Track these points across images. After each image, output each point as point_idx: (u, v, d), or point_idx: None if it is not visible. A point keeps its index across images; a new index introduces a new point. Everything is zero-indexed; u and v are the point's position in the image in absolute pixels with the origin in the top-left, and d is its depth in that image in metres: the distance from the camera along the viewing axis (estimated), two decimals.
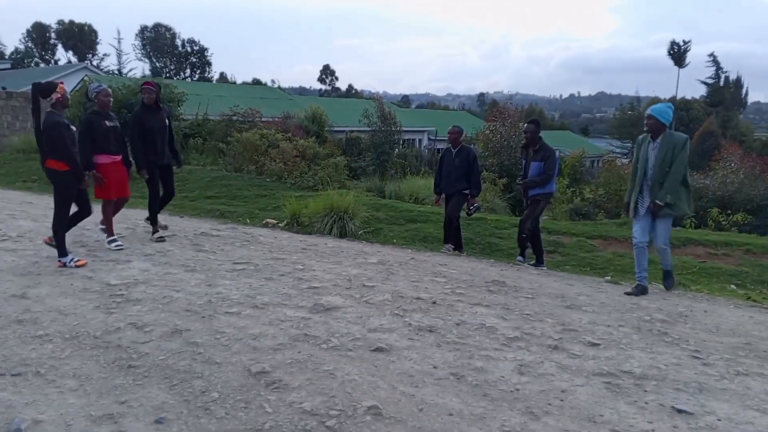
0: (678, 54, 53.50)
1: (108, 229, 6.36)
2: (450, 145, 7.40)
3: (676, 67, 53.92)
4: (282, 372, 3.41)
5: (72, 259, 5.47)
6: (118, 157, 6.28)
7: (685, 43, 53.49)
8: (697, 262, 6.38)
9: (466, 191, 7.17)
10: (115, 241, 6.30)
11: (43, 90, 5.44)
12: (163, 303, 4.54)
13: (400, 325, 4.22)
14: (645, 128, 5.39)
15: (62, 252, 5.47)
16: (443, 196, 7.44)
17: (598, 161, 25.22)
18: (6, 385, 3.16)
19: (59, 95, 5.37)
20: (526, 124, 7.10)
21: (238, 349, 3.71)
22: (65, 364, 3.43)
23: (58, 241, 5.49)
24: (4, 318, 4.11)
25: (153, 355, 3.58)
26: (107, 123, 6.12)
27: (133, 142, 6.56)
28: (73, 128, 5.52)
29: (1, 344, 3.68)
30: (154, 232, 6.88)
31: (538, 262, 6.64)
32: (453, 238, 7.13)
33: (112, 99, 6.29)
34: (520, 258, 6.72)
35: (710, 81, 58.54)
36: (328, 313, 4.46)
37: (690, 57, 53.61)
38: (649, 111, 5.37)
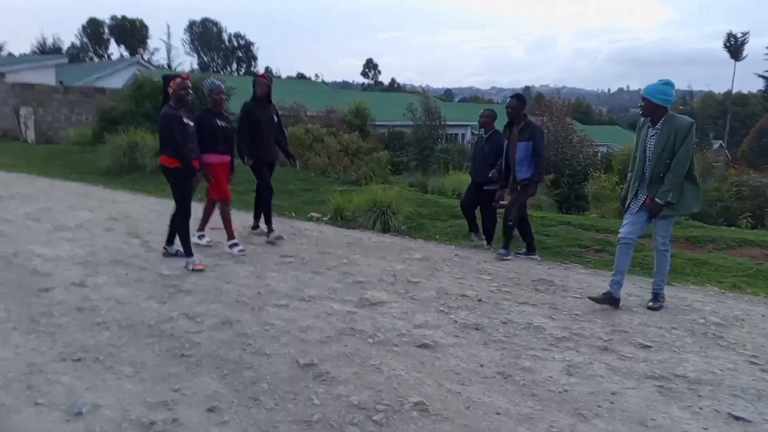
0: (735, 46, 51.44)
1: (228, 232, 6.02)
2: (482, 130, 6.89)
3: (731, 60, 51.87)
4: (329, 365, 3.46)
5: (193, 261, 5.32)
6: (226, 158, 6.04)
7: (742, 34, 51.35)
8: (753, 264, 6.14)
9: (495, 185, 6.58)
10: (236, 245, 5.97)
11: (166, 82, 5.34)
12: (214, 294, 4.65)
13: (445, 322, 4.22)
14: (639, 111, 4.65)
15: (188, 251, 5.35)
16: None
17: None
18: (68, 370, 3.31)
19: (172, 89, 5.21)
20: (508, 99, 6.46)
21: (286, 341, 3.78)
22: (122, 352, 3.57)
23: (183, 242, 5.38)
24: (65, 305, 4.30)
25: (205, 345, 3.68)
26: (218, 122, 5.91)
27: (241, 135, 6.28)
28: (190, 124, 5.34)
29: (63, 330, 3.85)
30: (269, 232, 6.56)
31: (530, 250, 6.41)
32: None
33: (225, 97, 6.07)
34: (502, 251, 6.26)
35: None
36: (374, 307, 4.49)
37: (747, 49, 51.51)
38: (642, 92, 4.55)
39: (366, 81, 75.06)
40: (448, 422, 2.89)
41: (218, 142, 5.86)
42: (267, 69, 63.57)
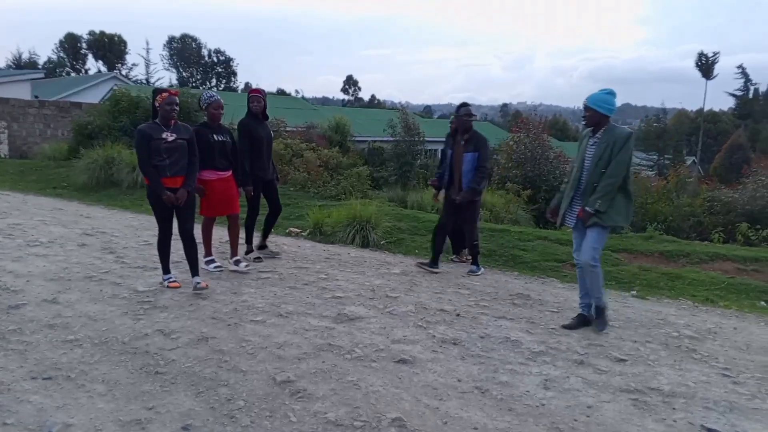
0: (706, 65, 52.81)
1: (206, 248, 5.92)
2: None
3: (703, 79, 53.20)
4: (306, 381, 3.43)
5: (168, 279, 5.24)
6: (226, 173, 5.75)
7: (713, 54, 52.75)
8: (725, 278, 6.26)
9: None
10: (213, 261, 5.92)
11: (155, 96, 5.08)
12: (189, 310, 4.60)
13: (423, 337, 4.21)
14: (583, 120, 4.60)
15: (164, 269, 5.26)
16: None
17: None
18: (38, 389, 3.23)
19: (158, 102, 4.97)
20: (459, 108, 6.26)
21: (263, 357, 3.74)
22: (95, 369, 3.50)
23: (160, 257, 5.25)
24: (36, 322, 4.20)
25: (180, 362, 3.63)
26: (215, 137, 5.62)
27: (243, 155, 5.97)
28: (168, 139, 4.91)
29: (33, 348, 3.76)
30: (248, 252, 6.43)
31: (439, 258, 6.35)
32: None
33: (223, 112, 5.78)
34: (474, 267, 6.25)
35: (739, 93, 57.63)
36: (352, 323, 4.47)
37: (718, 68, 52.95)
38: (585, 101, 4.47)
39: (346, 97, 75.39)
40: None
41: (215, 157, 5.61)
42: (247, 84, 63.51)
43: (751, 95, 57.83)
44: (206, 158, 5.52)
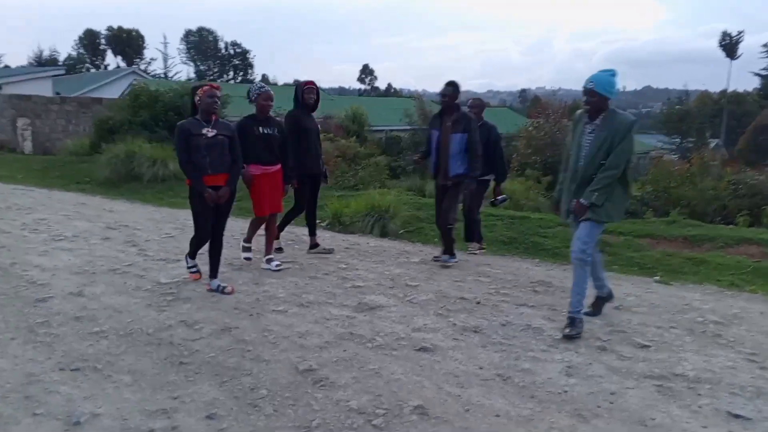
0: (730, 45, 51.60)
1: (247, 243, 5.77)
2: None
3: (727, 59, 52.02)
4: (328, 370, 3.45)
5: (191, 266, 5.23)
6: (273, 168, 5.48)
7: (737, 33, 51.52)
8: (751, 262, 6.14)
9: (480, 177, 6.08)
10: (272, 260, 5.71)
11: (194, 92, 4.86)
12: (212, 301, 4.65)
13: (444, 325, 4.21)
14: (585, 106, 4.10)
15: (191, 263, 5.23)
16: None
17: (646, 158, 24.57)
18: (66, 380, 3.30)
19: (199, 96, 4.73)
20: (443, 86, 5.92)
21: (285, 346, 3.78)
22: (120, 360, 3.56)
23: (190, 252, 5.18)
24: (62, 315, 4.29)
25: (203, 352, 3.68)
26: (261, 129, 5.37)
27: (293, 147, 5.75)
28: (208, 135, 4.68)
29: (61, 340, 3.84)
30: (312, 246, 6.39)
31: (446, 253, 6.06)
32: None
33: (273, 104, 5.52)
34: (444, 257, 6.00)
35: (764, 72, 56.19)
36: (373, 312, 4.48)
37: (742, 48, 51.69)
38: (590, 84, 3.97)
39: (362, 86, 75.17)
40: (447, 425, 2.89)
41: (260, 151, 5.37)
42: (263, 76, 63.65)
43: None
44: (250, 152, 5.28)
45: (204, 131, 4.67)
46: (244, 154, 5.12)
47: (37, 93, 20.56)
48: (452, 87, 5.88)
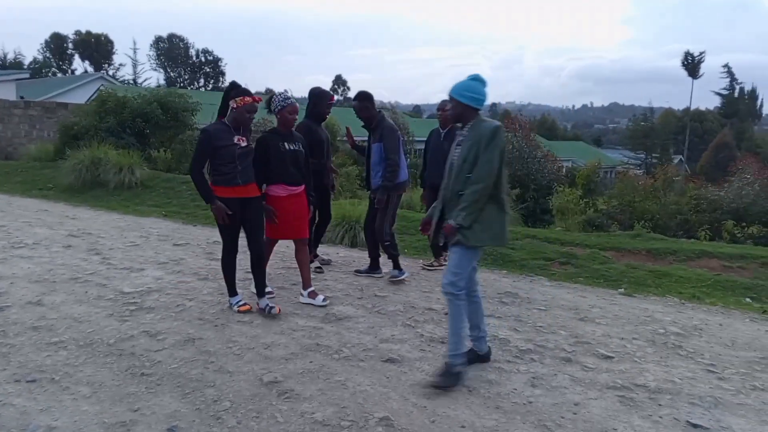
0: (692, 65, 53.23)
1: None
2: (439, 125, 6.11)
3: (689, 78, 53.65)
4: (294, 382, 3.41)
5: (237, 302, 4.69)
6: (298, 189, 4.85)
7: (699, 53, 53.21)
8: (711, 275, 6.31)
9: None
10: (316, 293, 4.97)
11: (230, 93, 4.43)
12: (176, 311, 4.56)
13: (411, 336, 4.21)
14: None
15: (230, 291, 4.73)
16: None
17: (612, 172, 25.11)
18: (21, 392, 3.20)
19: (236, 104, 4.34)
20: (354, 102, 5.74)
21: (250, 358, 3.72)
22: (79, 371, 3.46)
23: (226, 278, 4.70)
24: (20, 325, 4.16)
25: (166, 363, 3.60)
26: (287, 146, 4.76)
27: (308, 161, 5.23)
28: (241, 144, 4.40)
29: (17, 351, 3.72)
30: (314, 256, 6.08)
31: (372, 268, 5.88)
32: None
33: (297, 117, 4.96)
34: (395, 272, 5.69)
35: (725, 92, 58.26)
36: (340, 322, 4.46)
37: (704, 68, 53.32)
38: (450, 91, 3.56)
39: (336, 97, 75.26)
40: None
41: (287, 169, 4.75)
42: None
43: (736, 94, 58.43)
44: (277, 171, 4.72)
45: (236, 140, 4.36)
46: (267, 174, 4.70)
47: (0, 97, 20.02)
48: (359, 99, 5.69)
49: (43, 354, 3.69)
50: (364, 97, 5.69)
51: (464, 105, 3.48)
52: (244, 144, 4.42)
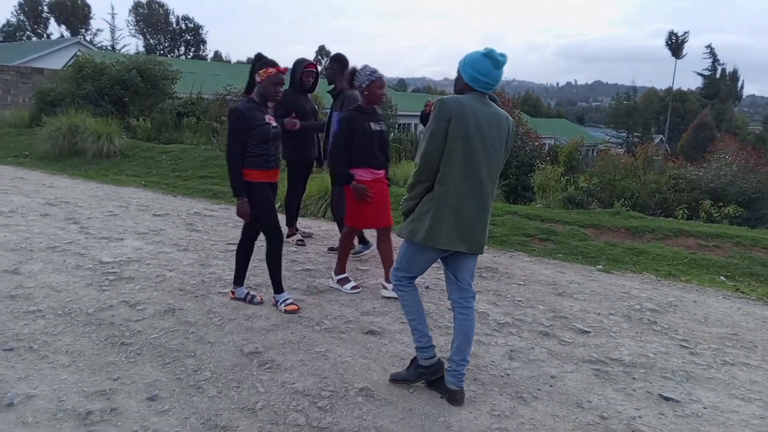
0: (675, 45, 53.48)
1: (340, 264, 4.69)
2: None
3: (673, 58, 53.90)
4: (275, 352, 3.43)
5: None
6: (381, 172, 4.59)
7: (683, 33, 53.43)
8: (687, 253, 6.43)
9: None
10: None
11: (256, 65, 3.98)
12: (156, 282, 4.53)
13: (392, 309, 4.24)
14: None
15: (238, 281, 4.31)
16: None
17: (593, 150, 25.27)
18: None
19: (261, 78, 3.90)
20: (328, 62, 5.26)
21: (231, 329, 3.73)
22: (58, 340, 3.44)
23: (237, 267, 4.30)
24: None
25: (146, 333, 3.59)
26: (373, 126, 4.44)
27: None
28: (272, 124, 3.99)
29: None
30: (289, 235, 5.98)
31: (360, 243, 5.66)
32: None
33: (386, 93, 4.59)
34: (360, 247, 5.63)
35: (707, 73, 58.61)
36: (322, 295, 4.47)
37: (687, 48, 53.69)
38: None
39: (319, 68, 74.23)
40: (392, 407, 2.92)
41: (374, 152, 4.45)
42: (217, 53, 62.06)
43: (718, 75, 58.86)
44: (363, 153, 4.39)
45: (267, 119, 3.95)
46: (354, 157, 4.38)
47: None
48: (335, 61, 5.43)
49: (20, 323, 3.65)
50: (335, 59, 5.47)
51: (465, 82, 2.91)
52: (274, 124, 4.02)
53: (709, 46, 59.34)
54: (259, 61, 3.95)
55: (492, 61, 2.82)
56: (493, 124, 2.87)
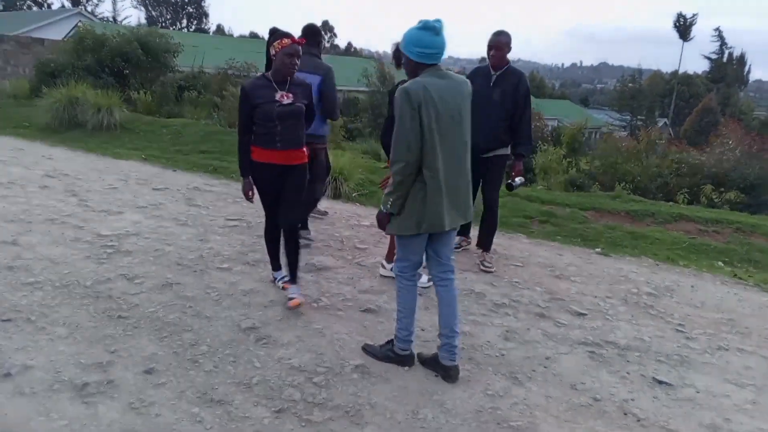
0: (683, 27, 52.80)
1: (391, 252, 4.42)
2: (486, 64, 4.88)
3: (680, 41, 53.30)
4: (272, 328, 3.45)
5: (280, 278, 4.07)
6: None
7: (692, 15, 52.76)
8: (687, 238, 6.42)
9: (506, 152, 4.87)
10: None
11: (271, 39, 3.70)
12: (154, 256, 4.54)
13: (390, 288, 4.24)
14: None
15: (273, 264, 4.12)
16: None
17: (597, 133, 25.15)
18: None
19: (275, 50, 3.61)
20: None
21: (228, 304, 3.74)
22: (55, 312, 3.46)
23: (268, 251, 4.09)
24: None
25: (143, 307, 3.61)
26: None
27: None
28: (283, 101, 3.64)
29: None
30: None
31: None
32: (485, 231, 5.11)
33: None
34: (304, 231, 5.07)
35: (714, 56, 58.00)
36: (320, 273, 4.48)
37: (695, 31, 52.96)
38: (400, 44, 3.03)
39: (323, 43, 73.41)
40: (387, 384, 2.94)
41: None
42: (219, 27, 61.47)
43: (725, 59, 58.26)
44: None
45: (277, 96, 3.62)
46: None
47: None
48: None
49: (18, 294, 3.67)
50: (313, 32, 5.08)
51: (415, 62, 2.88)
52: (287, 101, 3.64)
53: (717, 29, 58.52)
54: (273, 35, 3.69)
55: (431, 30, 2.83)
56: (456, 94, 2.90)
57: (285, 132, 3.66)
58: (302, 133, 3.79)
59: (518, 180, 4.85)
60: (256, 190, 3.82)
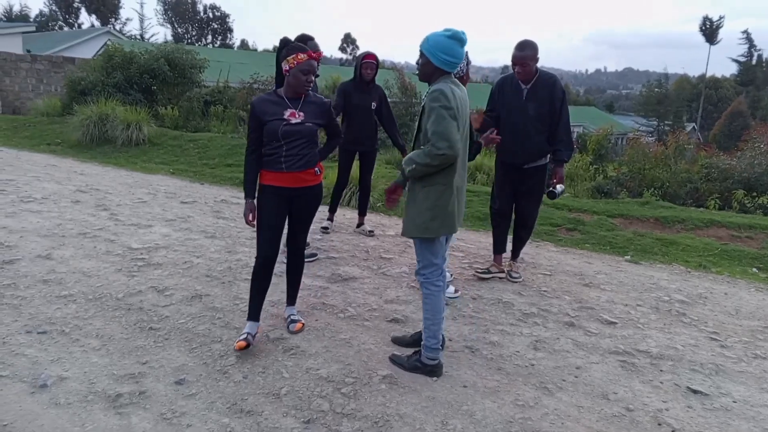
0: (710, 30, 51.98)
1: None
2: (512, 73, 4.66)
3: (707, 44, 52.44)
4: (299, 339, 3.46)
5: (246, 333, 3.35)
6: None
7: (718, 18, 51.91)
8: (719, 244, 6.29)
9: (545, 161, 4.65)
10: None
11: (282, 51, 3.35)
12: (183, 268, 4.61)
13: (416, 298, 4.24)
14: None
15: (251, 312, 3.44)
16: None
17: (623, 139, 24.81)
18: (32, 342, 3.26)
19: (289, 66, 3.27)
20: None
21: None
22: (89, 324, 3.52)
23: (251, 293, 3.50)
24: (30, 278, 4.21)
25: (173, 319, 3.65)
26: None
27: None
28: (291, 121, 3.30)
29: (28, 303, 3.78)
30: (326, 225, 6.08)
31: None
32: (516, 243, 4.99)
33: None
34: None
35: (742, 59, 56.92)
36: (346, 283, 4.49)
37: (722, 33, 52.10)
38: (421, 45, 3.03)
39: (344, 56, 74.04)
40: (415, 395, 2.93)
41: None
42: (243, 42, 62.41)
43: (754, 61, 57.12)
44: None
45: (286, 115, 3.30)
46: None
47: (7, 50, 19.86)
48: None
49: (53, 306, 3.75)
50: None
51: (436, 67, 2.94)
52: (296, 120, 3.31)
53: (745, 31, 57.43)
54: (286, 47, 3.34)
55: (458, 41, 2.91)
56: (466, 104, 3.09)
57: (290, 153, 3.32)
58: (312, 153, 3.45)
59: (560, 187, 4.54)
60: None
